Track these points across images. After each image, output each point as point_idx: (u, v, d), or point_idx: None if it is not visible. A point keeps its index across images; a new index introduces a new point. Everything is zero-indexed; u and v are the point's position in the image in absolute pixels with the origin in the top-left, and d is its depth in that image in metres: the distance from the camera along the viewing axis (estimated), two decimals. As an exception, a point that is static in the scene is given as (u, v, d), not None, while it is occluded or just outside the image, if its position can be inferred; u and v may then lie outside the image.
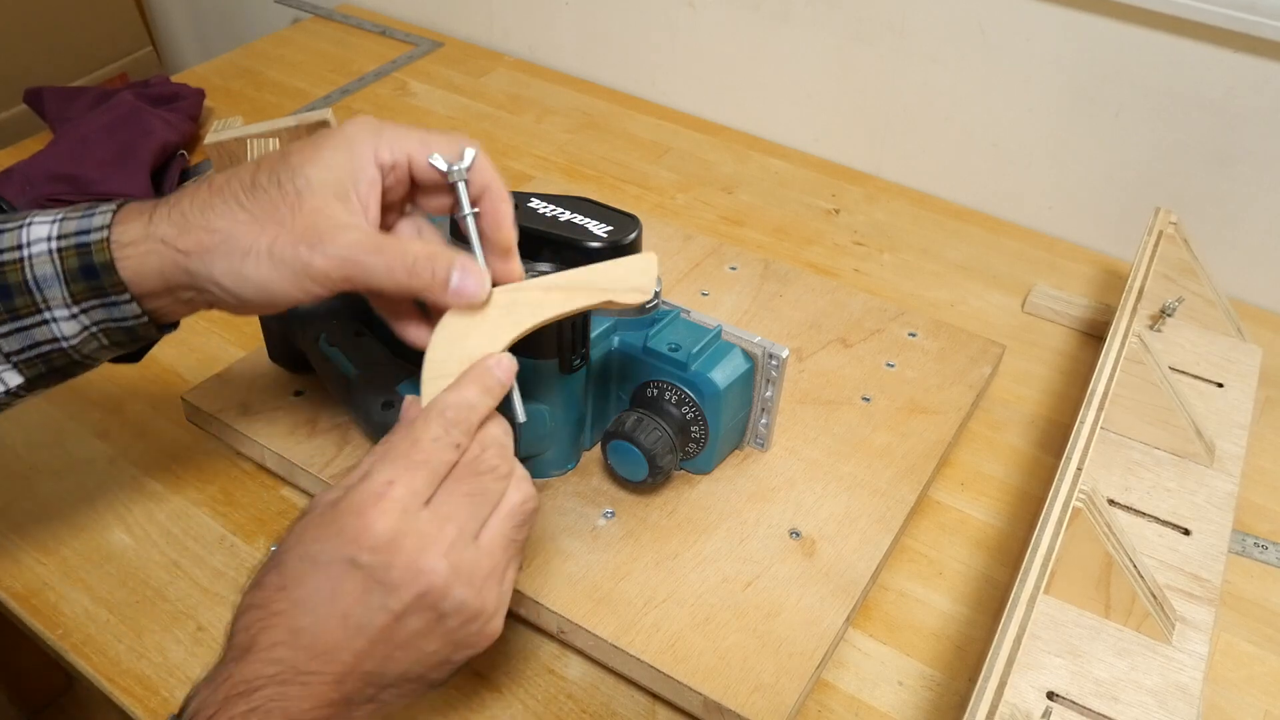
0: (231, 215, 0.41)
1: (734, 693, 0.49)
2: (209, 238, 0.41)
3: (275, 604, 0.38)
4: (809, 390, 0.68)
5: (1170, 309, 0.73)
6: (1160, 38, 0.80)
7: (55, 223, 0.42)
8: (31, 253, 0.42)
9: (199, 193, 0.42)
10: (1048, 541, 0.49)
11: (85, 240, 0.42)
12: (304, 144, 0.42)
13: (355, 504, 0.38)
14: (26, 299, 0.42)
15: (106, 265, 0.42)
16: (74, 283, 0.42)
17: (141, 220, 0.42)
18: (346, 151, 0.41)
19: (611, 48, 1.13)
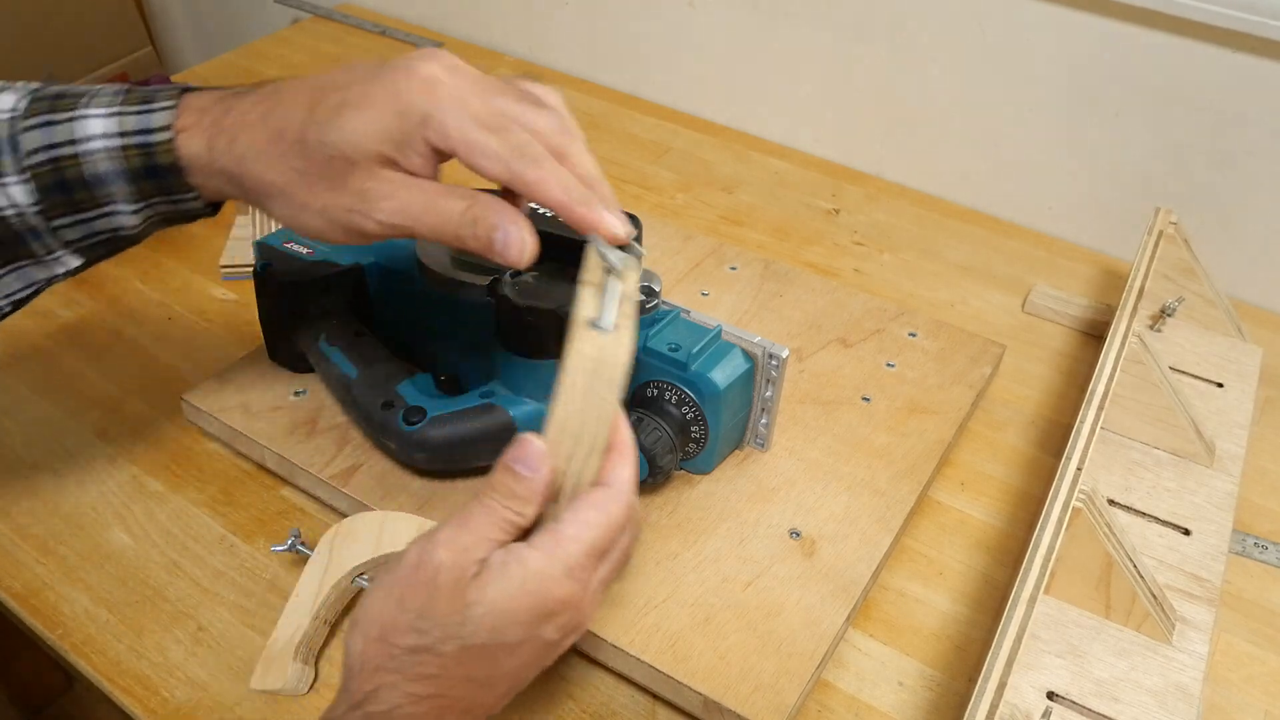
0: (285, 170, 0.41)
1: (734, 692, 0.49)
2: (266, 187, 0.41)
3: (457, 691, 0.38)
4: (809, 390, 0.68)
5: (1170, 309, 0.73)
6: (1160, 38, 0.80)
7: (112, 116, 0.42)
8: (89, 149, 0.42)
9: (255, 133, 0.41)
10: (1048, 541, 0.49)
11: (148, 142, 0.42)
12: (358, 89, 0.40)
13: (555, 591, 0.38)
14: (85, 194, 0.43)
15: (171, 168, 0.42)
16: (141, 181, 0.42)
17: (201, 141, 0.42)
18: (397, 116, 0.39)
19: (611, 48, 1.13)
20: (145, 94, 0.42)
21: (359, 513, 0.57)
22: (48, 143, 0.41)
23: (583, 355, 0.41)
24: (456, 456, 0.57)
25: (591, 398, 0.41)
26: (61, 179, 0.42)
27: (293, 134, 0.40)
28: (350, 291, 0.64)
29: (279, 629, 0.53)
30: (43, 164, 0.42)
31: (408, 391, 0.58)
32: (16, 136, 0.41)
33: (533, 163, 0.39)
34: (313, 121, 0.40)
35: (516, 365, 0.56)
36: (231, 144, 0.41)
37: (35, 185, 0.42)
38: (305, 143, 0.40)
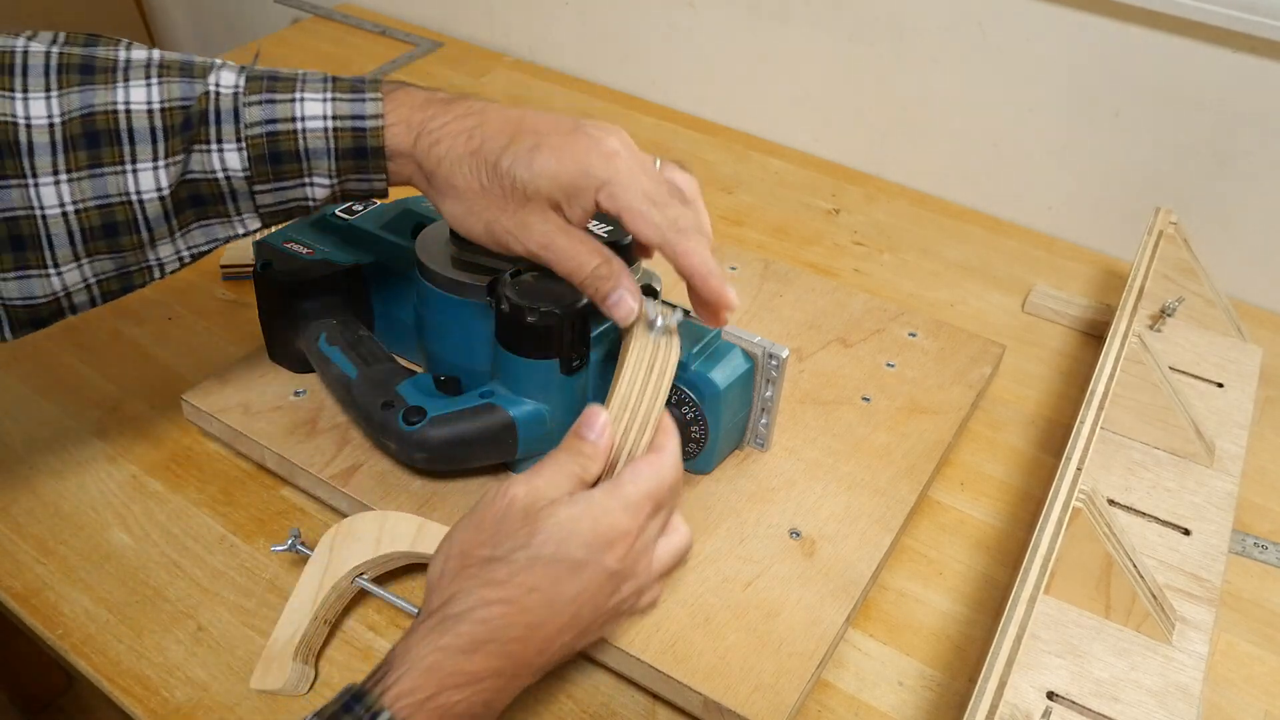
0: (473, 181, 0.47)
1: (734, 693, 0.49)
2: (450, 189, 0.48)
3: (527, 600, 0.41)
4: (809, 390, 0.68)
5: (1170, 309, 0.73)
6: (1160, 38, 0.80)
7: (327, 101, 0.48)
8: (307, 127, 0.47)
9: (457, 143, 0.47)
10: (1048, 541, 0.49)
11: (360, 126, 0.47)
12: (555, 138, 0.47)
13: (618, 523, 0.43)
14: (294, 166, 0.48)
15: (377, 150, 0.48)
16: (343, 159, 0.48)
17: (409, 136, 0.48)
18: (580, 175, 0.46)
19: (611, 48, 1.13)
20: (352, 83, 0.48)
21: (359, 513, 0.57)
22: (268, 118, 0.47)
23: (644, 347, 0.49)
24: (456, 456, 0.57)
25: (649, 382, 0.48)
26: (276, 150, 0.47)
27: (490, 156, 0.47)
28: (350, 291, 0.64)
29: (279, 629, 0.53)
30: (259, 136, 0.47)
31: (408, 391, 0.58)
32: (239, 110, 0.47)
33: (683, 234, 0.47)
34: (509, 152, 0.46)
35: (516, 365, 0.56)
36: (434, 145, 0.48)
37: (250, 154, 0.47)
38: (498, 168, 0.47)
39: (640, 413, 0.48)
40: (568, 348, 0.55)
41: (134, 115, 0.46)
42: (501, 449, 0.57)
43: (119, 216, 0.47)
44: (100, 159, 0.46)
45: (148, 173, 0.47)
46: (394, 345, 0.65)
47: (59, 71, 0.46)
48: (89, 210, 0.47)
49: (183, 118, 0.47)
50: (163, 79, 0.47)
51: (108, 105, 0.46)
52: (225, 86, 0.47)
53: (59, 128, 0.45)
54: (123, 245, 0.48)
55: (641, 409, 0.48)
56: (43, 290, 0.48)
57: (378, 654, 0.55)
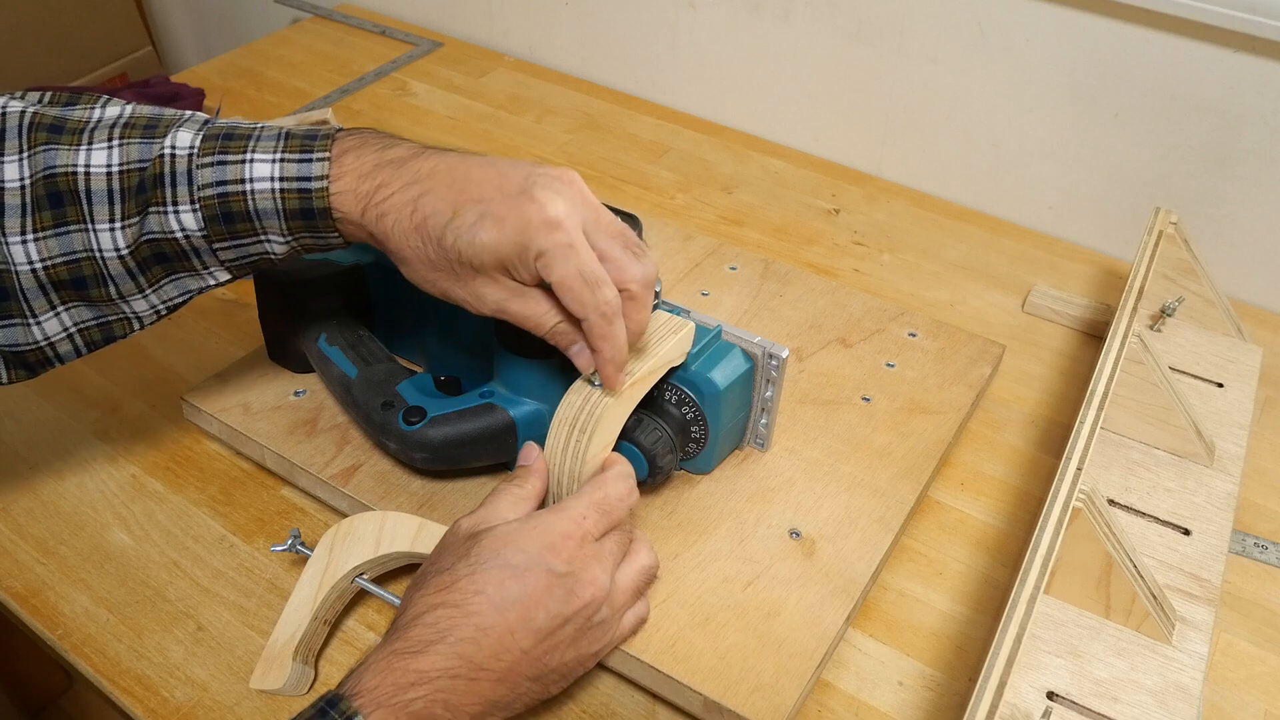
0: (421, 254, 0.48)
1: (734, 693, 0.49)
2: (401, 258, 0.49)
3: (471, 605, 0.44)
4: (809, 390, 0.68)
5: (1170, 309, 0.73)
6: (1160, 38, 0.80)
7: (275, 162, 0.48)
8: (255, 189, 0.48)
9: (402, 216, 0.48)
10: (1048, 541, 0.49)
11: (306, 188, 0.48)
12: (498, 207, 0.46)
13: (556, 526, 0.47)
14: (247, 225, 0.49)
15: (324, 210, 0.48)
16: (292, 220, 0.49)
17: (357, 206, 0.48)
18: (519, 248, 0.46)
19: (611, 48, 1.13)
20: (303, 142, 0.48)
21: (359, 513, 0.57)
22: (219, 179, 0.48)
23: (569, 405, 0.52)
24: (456, 456, 0.57)
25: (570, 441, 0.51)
26: (228, 211, 0.48)
27: (434, 231, 0.47)
28: (350, 291, 0.64)
29: (279, 629, 0.53)
30: (212, 197, 0.48)
31: (408, 391, 0.58)
32: (193, 171, 0.48)
33: (605, 319, 0.47)
34: (451, 228, 0.47)
35: (516, 365, 0.56)
36: (380, 218, 0.48)
37: (204, 214, 0.48)
38: (442, 243, 0.47)
39: (566, 469, 0.52)
40: (568, 348, 0.55)
41: (93, 178, 0.48)
42: (501, 449, 0.57)
43: (86, 271, 0.49)
44: (65, 218, 0.48)
45: (106, 233, 0.48)
46: (394, 345, 0.65)
47: (30, 130, 0.48)
48: (57, 266, 0.49)
49: (138, 180, 0.48)
50: (124, 140, 0.48)
51: (68, 167, 0.48)
52: (180, 148, 0.48)
53: (28, 189, 0.48)
54: (94, 297, 0.50)
55: (566, 467, 0.51)
56: (25, 338, 0.50)
57: (378, 654, 0.55)
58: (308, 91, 1.11)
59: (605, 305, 0.47)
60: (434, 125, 1.05)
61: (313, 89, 1.11)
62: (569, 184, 0.47)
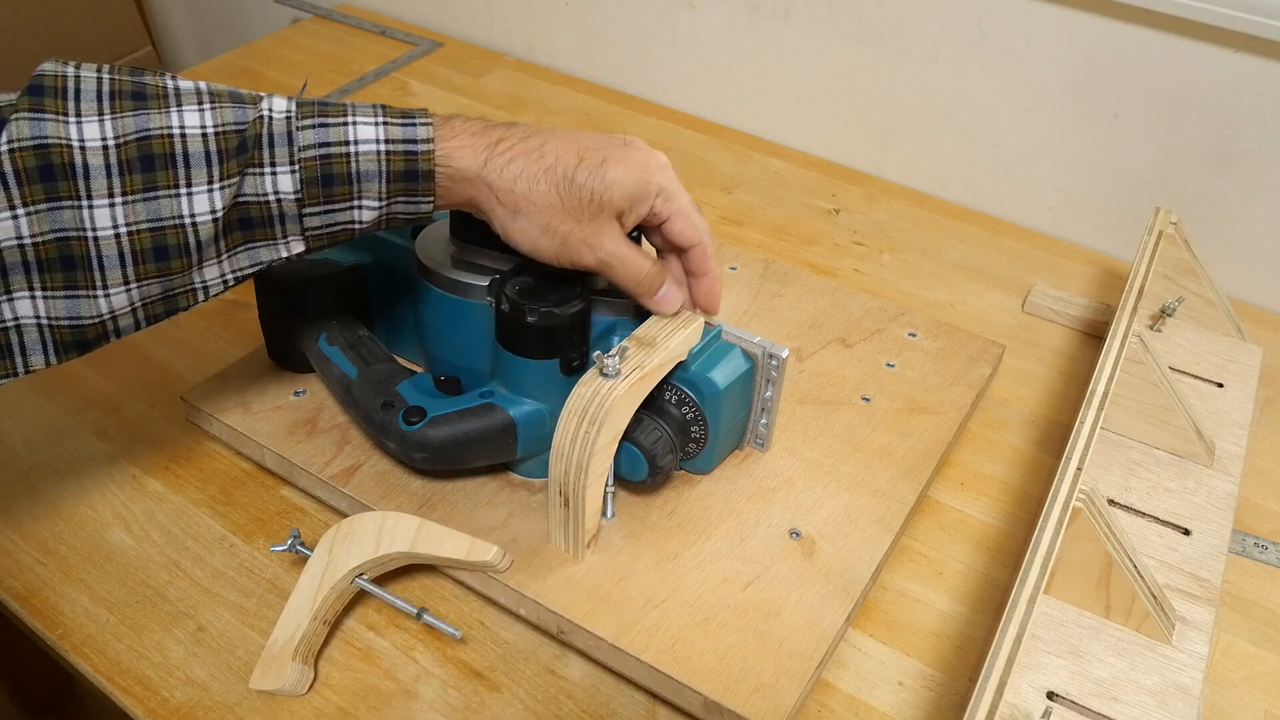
0: (551, 196, 0.50)
1: (734, 693, 0.49)
2: (526, 205, 0.50)
3: None
4: (809, 390, 0.68)
5: (1170, 309, 0.73)
6: (1160, 38, 0.80)
7: (379, 125, 0.49)
8: (359, 150, 0.48)
9: (531, 162, 0.50)
10: (1048, 541, 0.49)
11: (413, 150, 0.49)
12: (616, 152, 0.51)
13: None
14: (345, 188, 0.49)
15: (428, 174, 0.49)
16: (394, 182, 0.49)
17: (477, 159, 0.50)
18: (644, 184, 0.52)
19: (611, 48, 1.13)
20: (402, 110, 0.50)
21: (359, 513, 0.57)
22: (321, 141, 0.48)
23: (579, 396, 0.51)
24: (456, 456, 0.57)
25: (579, 430, 0.51)
26: (329, 173, 0.48)
27: (563, 171, 0.50)
28: (350, 291, 0.64)
29: (278, 629, 0.53)
30: (314, 158, 0.48)
31: (408, 391, 0.58)
32: (293, 133, 0.48)
33: (711, 243, 0.55)
34: (582, 167, 0.50)
35: (516, 365, 0.56)
36: (505, 166, 0.50)
37: (303, 175, 0.48)
38: (574, 181, 0.50)
39: (574, 460, 0.52)
40: (568, 348, 0.55)
41: (189, 139, 0.46)
42: (501, 449, 0.57)
43: (170, 240, 0.47)
44: (155, 182, 0.46)
45: (202, 196, 0.47)
46: (394, 345, 0.65)
47: (111, 97, 0.46)
48: (141, 233, 0.47)
49: (237, 141, 0.47)
50: (214, 104, 0.47)
51: (163, 129, 0.46)
52: (278, 111, 0.48)
53: (113, 150, 0.45)
54: (172, 269, 0.48)
55: (575, 458, 0.52)
56: (90, 311, 0.48)
57: (378, 654, 0.55)
58: (308, 92, 1.11)
59: (708, 227, 0.55)
60: (434, 125, 1.05)
61: (313, 89, 1.11)
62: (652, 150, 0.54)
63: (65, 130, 0.44)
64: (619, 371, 0.51)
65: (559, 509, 0.54)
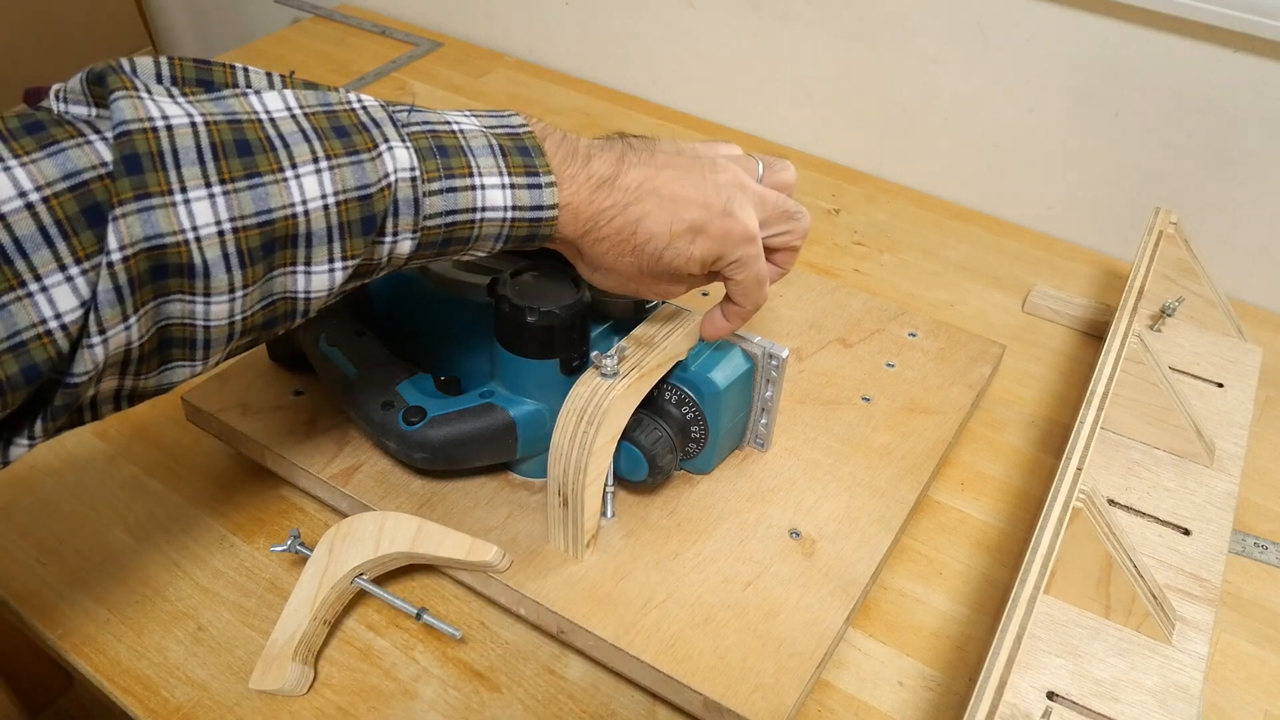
0: (632, 270, 0.50)
1: (734, 693, 0.49)
2: (607, 268, 0.50)
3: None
4: (809, 390, 0.68)
5: (1170, 309, 0.73)
6: (1160, 38, 0.80)
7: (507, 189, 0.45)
8: (485, 217, 0.45)
9: (623, 239, 0.48)
10: (1048, 541, 0.49)
11: (538, 218, 0.46)
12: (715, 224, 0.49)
13: None
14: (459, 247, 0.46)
15: (547, 237, 0.47)
16: (508, 242, 0.47)
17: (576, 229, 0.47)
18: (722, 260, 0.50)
19: (611, 48, 1.13)
20: (525, 161, 0.45)
21: (359, 513, 0.57)
22: (449, 208, 0.44)
23: (577, 395, 0.51)
24: (456, 456, 0.57)
25: (578, 430, 0.51)
26: (450, 238, 0.45)
27: (654, 252, 0.49)
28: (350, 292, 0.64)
29: (278, 629, 0.53)
30: (439, 227, 0.44)
31: (408, 391, 0.58)
32: (419, 200, 0.42)
33: (754, 311, 0.54)
34: (671, 249, 0.49)
35: (516, 365, 0.56)
36: (598, 241, 0.48)
37: (422, 239, 0.44)
38: (660, 260, 0.49)
39: (573, 461, 0.51)
40: (568, 348, 0.55)
41: (312, 216, 0.40)
42: (501, 449, 0.57)
43: (279, 311, 0.42)
44: (274, 264, 0.40)
45: (323, 275, 0.42)
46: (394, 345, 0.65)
47: (215, 155, 0.38)
48: (252, 315, 0.41)
49: (361, 214, 0.41)
50: (331, 160, 0.40)
51: (285, 208, 0.39)
52: (402, 172, 0.42)
53: (230, 239, 0.38)
54: (271, 333, 0.44)
55: (573, 458, 0.51)
56: (181, 377, 0.43)
57: (377, 654, 0.55)
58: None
59: (761, 301, 0.54)
60: (434, 125, 1.05)
61: (313, 89, 1.11)
62: (751, 186, 0.51)
63: (176, 218, 0.36)
64: (617, 372, 0.51)
65: (558, 509, 0.54)
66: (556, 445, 0.52)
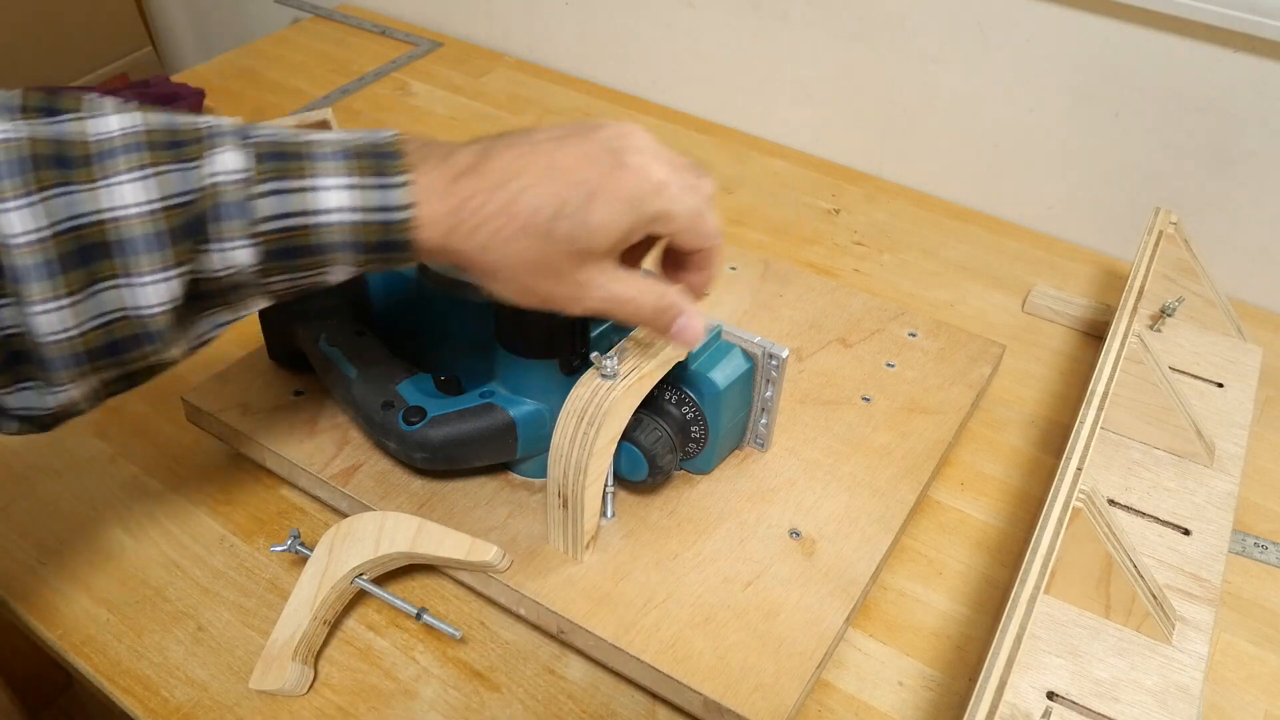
0: (525, 259, 0.44)
1: (734, 693, 0.49)
2: (496, 270, 0.44)
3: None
4: (809, 390, 0.68)
5: (1170, 309, 0.73)
6: (1160, 38, 0.80)
7: (350, 189, 0.42)
8: (327, 220, 0.42)
9: (502, 222, 0.43)
10: (1048, 541, 0.49)
11: (389, 219, 0.42)
12: (608, 182, 0.44)
13: None
14: (312, 259, 0.43)
15: (407, 242, 0.43)
16: (367, 252, 0.43)
17: (440, 230, 0.43)
18: (637, 218, 0.44)
19: (611, 48, 1.13)
20: (375, 161, 0.42)
21: (359, 513, 0.57)
22: (281, 211, 0.41)
23: (578, 397, 0.51)
24: (456, 456, 0.57)
25: (578, 432, 0.51)
26: (291, 246, 0.42)
27: (541, 225, 0.43)
28: (350, 291, 0.64)
29: (278, 629, 0.53)
30: (274, 231, 0.41)
31: (408, 391, 0.58)
32: (251, 202, 0.41)
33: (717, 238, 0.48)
34: (562, 216, 0.43)
35: (516, 365, 0.56)
36: (472, 233, 0.43)
37: (263, 249, 0.42)
38: (553, 235, 0.43)
39: (573, 461, 0.51)
40: (568, 348, 0.55)
41: (126, 224, 0.40)
42: (501, 449, 0.57)
43: (121, 333, 0.42)
44: (96, 275, 0.40)
45: (149, 287, 0.41)
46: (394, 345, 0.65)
47: (33, 165, 0.39)
48: (88, 333, 0.41)
49: (183, 219, 0.40)
50: (155, 168, 0.40)
51: (94, 215, 0.39)
52: (229, 173, 0.41)
53: (50, 245, 0.39)
54: (131, 359, 0.43)
55: (573, 458, 0.51)
56: (42, 404, 0.44)
57: (377, 654, 0.55)
58: (308, 91, 1.11)
59: (715, 228, 0.47)
60: (434, 125, 1.05)
61: (313, 89, 1.11)
62: (642, 138, 0.46)
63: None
64: (617, 372, 0.51)
65: (558, 510, 0.54)
66: (556, 446, 0.52)
